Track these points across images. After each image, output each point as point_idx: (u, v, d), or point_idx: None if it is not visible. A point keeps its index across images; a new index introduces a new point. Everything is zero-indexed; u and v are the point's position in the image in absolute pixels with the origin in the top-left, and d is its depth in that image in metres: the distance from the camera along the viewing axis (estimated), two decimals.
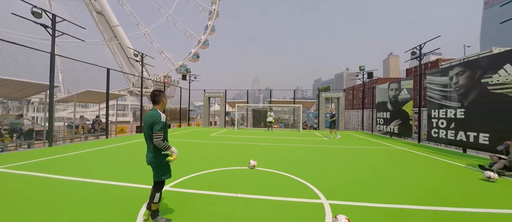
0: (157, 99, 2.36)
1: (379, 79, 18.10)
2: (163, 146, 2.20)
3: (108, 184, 3.55)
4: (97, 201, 2.88)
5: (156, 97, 2.36)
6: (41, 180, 3.76)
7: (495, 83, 6.18)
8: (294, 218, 2.50)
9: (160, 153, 2.27)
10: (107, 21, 36.35)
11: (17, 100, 32.39)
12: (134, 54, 11.60)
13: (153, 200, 2.25)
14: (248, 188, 3.47)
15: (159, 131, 2.18)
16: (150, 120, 2.22)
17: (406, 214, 2.66)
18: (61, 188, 3.36)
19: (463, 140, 7.08)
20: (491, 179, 3.96)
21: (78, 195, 3.08)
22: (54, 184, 3.57)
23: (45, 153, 6.02)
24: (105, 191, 3.26)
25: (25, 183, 3.61)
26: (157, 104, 2.37)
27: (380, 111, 12.80)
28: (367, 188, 3.57)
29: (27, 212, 2.55)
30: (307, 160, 5.70)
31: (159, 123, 2.19)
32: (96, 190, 3.28)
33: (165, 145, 2.21)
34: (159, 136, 2.17)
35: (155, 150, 2.26)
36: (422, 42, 9.72)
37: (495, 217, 2.63)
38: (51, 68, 7.26)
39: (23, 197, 2.98)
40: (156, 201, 2.26)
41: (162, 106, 2.40)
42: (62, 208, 2.66)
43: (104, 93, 10.26)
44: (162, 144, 2.18)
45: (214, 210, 2.68)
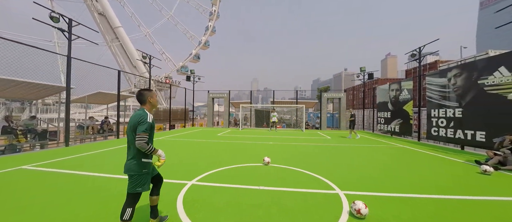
0: (143, 98, 2.08)
1: (379, 80, 18.54)
2: (148, 149, 1.92)
3: None
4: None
5: (142, 96, 2.08)
6: (76, 176, 4.07)
7: (491, 85, 6.58)
8: (315, 206, 2.84)
9: (141, 159, 1.98)
10: (108, 22, 36.50)
11: (18, 101, 32.23)
12: (143, 56, 11.90)
13: (122, 217, 1.91)
14: (267, 181, 3.81)
15: (144, 132, 1.91)
16: (134, 119, 1.97)
17: (413, 201, 3.02)
18: (99, 183, 3.68)
19: (461, 137, 7.49)
20: (487, 172, 4.34)
21: (118, 189, 3.40)
22: (89, 179, 3.89)
23: (66, 152, 6.31)
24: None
25: (64, 178, 3.92)
26: (144, 104, 2.09)
27: (381, 110, 13.21)
28: (375, 180, 3.93)
29: (81, 201, 2.88)
30: (316, 157, 6.05)
31: (144, 123, 1.94)
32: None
33: (150, 147, 1.94)
34: (143, 138, 1.90)
35: (138, 156, 1.97)
36: (422, 45, 10.14)
37: (490, 203, 3.01)
38: (68, 70, 7.55)
39: (67, 190, 3.30)
40: (126, 219, 1.91)
41: (150, 107, 2.12)
42: (107, 200, 2.99)
43: (113, 94, 10.55)
44: (146, 147, 1.91)
45: (243, 199, 3.02)
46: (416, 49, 10.34)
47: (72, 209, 2.68)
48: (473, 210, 2.76)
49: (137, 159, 1.98)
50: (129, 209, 1.94)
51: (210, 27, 43.15)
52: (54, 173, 4.26)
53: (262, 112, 20.58)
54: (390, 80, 17.11)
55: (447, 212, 2.69)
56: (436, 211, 2.73)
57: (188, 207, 2.74)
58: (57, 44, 35.92)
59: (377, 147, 8.01)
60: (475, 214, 2.65)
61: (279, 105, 19.96)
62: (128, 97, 12.52)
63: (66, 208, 2.69)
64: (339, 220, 2.46)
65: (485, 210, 2.77)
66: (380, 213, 2.63)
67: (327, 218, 2.49)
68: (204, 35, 43.34)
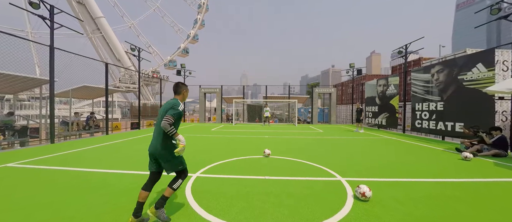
0: (179, 90, 2.36)
1: (367, 76, 19.31)
2: (170, 130, 2.02)
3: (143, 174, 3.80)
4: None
5: (178, 88, 2.37)
6: (67, 173, 3.90)
7: (469, 80, 7.17)
8: (321, 191, 2.99)
9: (167, 142, 2.14)
10: (88, 12, 34.09)
11: None
12: (131, 48, 11.34)
13: (173, 185, 2.15)
14: (271, 171, 3.91)
15: (172, 116, 2.06)
16: (168, 105, 2.19)
17: (407, 184, 3.30)
18: (93, 178, 3.56)
19: (442, 129, 8.12)
20: (468, 158, 4.81)
21: (121, 183, 3.32)
22: (85, 175, 3.74)
23: (53, 149, 5.96)
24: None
25: (52, 175, 3.73)
26: (178, 95, 2.36)
27: (369, 105, 13.85)
28: (371, 168, 4.20)
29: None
30: (311, 149, 6.27)
31: (176, 109, 2.13)
32: (134, 178, 3.53)
33: (172, 129, 2.03)
34: (169, 119, 2.03)
35: (165, 138, 2.13)
36: (408, 42, 10.70)
37: (471, 184, 3.38)
38: (51, 62, 7.04)
39: (66, 185, 3.16)
40: (175, 188, 2.16)
41: (182, 98, 2.38)
42: (108, 196, 2.91)
43: (100, 88, 10.02)
44: (169, 128, 2.01)
45: (251, 189, 3.09)
46: (402, 47, 10.90)
47: (69, 206, 2.59)
48: (458, 190, 3.08)
49: (165, 142, 2.13)
50: (180, 181, 2.22)
51: (198, 20, 41.91)
52: (43, 170, 4.04)
53: (254, 106, 20.65)
54: (377, 76, 17.90)
55: (436, 192, 2.98)
56: (427, 192, 3.01)
57: (198, 197, 2.76)
58: (30, 34, 32.97)
59: (367, 139, 8.45)
60: (459, 192, 2.97)
61: (272, 101, 20.15)
62: (115, 91, 11.94)
63: (58, 206, 2.60)
64: (345, 203, 2.63)
65: (469, 189, 3.11)
66: (380, 195, 2.85)
67: (334, 202, 2.65)
68: (192, 28, 42.05)
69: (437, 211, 2.44)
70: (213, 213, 2.37)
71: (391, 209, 2.48)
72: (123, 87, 32.08)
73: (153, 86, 42.36)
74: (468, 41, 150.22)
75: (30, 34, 33.04)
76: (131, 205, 2.52)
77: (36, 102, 28.66)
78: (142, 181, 3.32)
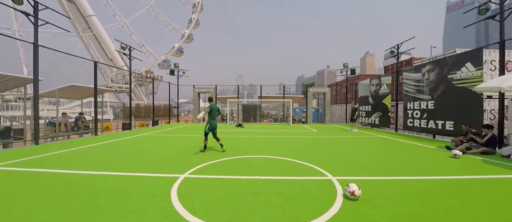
0: (213, 99, 3.78)
1: (360, 76, 19.51)
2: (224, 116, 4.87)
3: (132, 175, 3.65)
4: (144, 186, 3.01)
5: (212, 99, 5.59)
6: (52, 175, 3.71)
7: (459, 79, 7.29)
8: (311, 191, 2.93)
9: (213, 119, 5.62)
10: (79, 10, 33.26)
11: None
12: (122, 47, 11.07)
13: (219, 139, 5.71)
14: (262, 171, 3.83)
15: (219, 113, 5.89)
16: (216, 107, 5.72)
17: (399, 182, 3.28)
18: (79, 180, 3.39)
19: (433, 127, 8.23)
20: (457, 156, 4.85)
21: (101, 185, 3.17)
22: (73, 177, 3.57)
23: (36, 151, 5.71)
24: (135, 180, 3.38)
25: (36, 177, 3.54)
26: (212, 102, 5.84)
27: (362, 104, 13.96)
28: (363, 167, 4.17)
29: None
30: (305, 148, 6.23)
31: (218, 108, 5.78)
32: (117, 180, 3.38)
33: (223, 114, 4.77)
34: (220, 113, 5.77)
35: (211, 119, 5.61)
36: (400, 42, 10.83)
37: (461, 180, 3.38)
38: (35, 60, 6.75)
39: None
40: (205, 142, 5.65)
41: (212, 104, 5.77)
42: (91, 197, 2.77)
43: (89, 88, 9.71)
44: (224, 115, 6.63)
45: (240, 189, 3.00)
46: (394, 47, 11.03)
47: (56, 207, 2.44)
48: (447, 187, 3.07)
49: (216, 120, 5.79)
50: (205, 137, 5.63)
51: (193, 19, 41.50)
52: (22, 172, 3.83)
53: (248, 107, 20.53)
54: (371, 76, 18.09)
55: (428, 190, 2.96)
56: (416, 189, 2.99)
57: (183, 199, 2.65)
58: (17, 32, 31.88)
59: (361, 138, 8.48)
60: (449, 189, 2.96)
61: (267, 100, 20.08)
62: (105, 91, 11.63)
63: (45, 207, 2.44)
64: (334, 202, 2.58)
65: (458, 186, 3.11)
66: (370, 194, 2.80)
67: (324, 201, 2.59)
68: (187, 28, 41.61)
69: (426, 208, 2.41)
70: (198, 215, 2.27)
71: (380, 207, 2.43)
72: (115, 87, 31.40)
73: (146, 86, 41.67)
74: (458, 42, 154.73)
75: (17, 32, 31.96)
76: (112, 207, 2.40)
77: (23, 103, 27.74)
78: (126, 182, 3.22)
